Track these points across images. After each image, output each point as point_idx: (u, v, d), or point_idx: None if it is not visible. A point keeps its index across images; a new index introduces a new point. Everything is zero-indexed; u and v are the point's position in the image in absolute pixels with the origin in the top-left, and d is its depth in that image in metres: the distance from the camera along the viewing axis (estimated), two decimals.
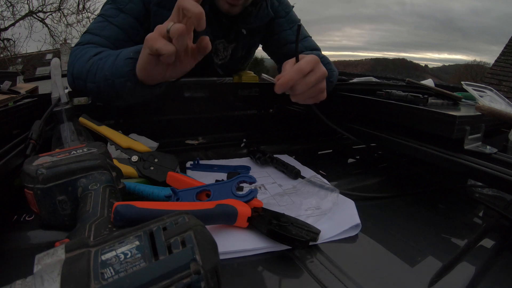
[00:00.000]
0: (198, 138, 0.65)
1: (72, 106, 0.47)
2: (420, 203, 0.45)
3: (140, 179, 0.43)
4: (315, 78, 0.42)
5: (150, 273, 0.18)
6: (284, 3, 0.77)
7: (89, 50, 0.53)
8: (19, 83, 1.83)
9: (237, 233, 0.33)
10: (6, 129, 0.45)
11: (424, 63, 77.00)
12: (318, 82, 0.43)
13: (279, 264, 0.30)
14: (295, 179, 0.48)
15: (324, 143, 0.72)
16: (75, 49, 0.56)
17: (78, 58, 0.52)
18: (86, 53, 0.52)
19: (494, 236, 0.38)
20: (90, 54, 0.50)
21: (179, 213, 0.22)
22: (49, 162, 0.31)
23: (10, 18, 7.45)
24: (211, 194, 0.36)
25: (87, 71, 0.48)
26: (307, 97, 0.44)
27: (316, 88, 0.43)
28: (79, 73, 0.50)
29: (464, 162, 0.40)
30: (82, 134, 0.46)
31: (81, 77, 0.50)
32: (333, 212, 0.38)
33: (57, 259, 0.18)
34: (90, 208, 0.28)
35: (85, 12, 8.19)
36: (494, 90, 0.60)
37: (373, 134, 0.54)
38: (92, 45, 0.56)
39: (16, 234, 0.33)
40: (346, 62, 53.53)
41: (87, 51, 0.52)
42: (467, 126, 0.42)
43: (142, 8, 0.61)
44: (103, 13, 0.61)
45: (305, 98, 0.44)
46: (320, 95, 0.45)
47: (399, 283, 0.29)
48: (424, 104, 0.49)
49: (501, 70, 5.56)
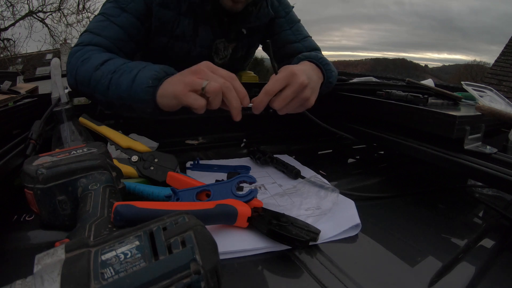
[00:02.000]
0: (198, 138, 0.65)
1: (72, 106, 0.47)
2: (420, 203, 0.45)
3: (140, 179, 0.43)
4: (291, 91, 0.43)
5: (150, 273, 0.18)
6: (284, 3, 0.77)
7: (94, 55, 0.52)
8: (19, 83, 1.83)
9: (237, 233, 0.33)
10: (6, 129, 0.45)
11: (424, 63, 77.04)
12: (297, 93, 0.43)
13: (279, 264, 0.30)
14: (295, 179, 0.48)
15: (324, 143, 0.72)
16: (76, 50, 0.54)
17: (82, 62, 0.51)
18: (91, 58, 0.51)
19: (494, 236, 0.38)
20: (97, 62, 0.50)
21: (179, 213, 0.22)
22: (49, 162, 0.31)
23: (10, 18, 7.46)
24: (211, 194, 0.36)
25: (96, 81, 0.48)
26: (291, 109, 0.45)
27: (298, 99, 0.44)
28: (85, 80, 0.50)
29: (464, 162, 0.40)
30: (82, 134, 0.46)
31: (88, 85, 0.49)
32: (333, 212, 0.38)
33: (57, 259, 0.18)
34: (90, 208, 0.28)
35: (85, 12, 8.19)
36: (494, 90, 0.60)
37: (373, 134, 0.54)
38: (94, 47, 0.55)
39: (16, 234, 0.33)
40: (346, 62, 53.53)
41: (92, 56, 0.51)
42: (467, 126, 0.42)
43: (144, 7, 0.61)
44: (104, 12, 0.60)
45: (290, 110, 0.45)
46: (306, 103, 0.46)
47: (399, 283, 0.29)
48: (424, 104, 0.49)
49: (501, 70, 5.56)
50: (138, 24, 0.61)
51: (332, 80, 0.58)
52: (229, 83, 0.38)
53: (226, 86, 0.38)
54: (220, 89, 0.37)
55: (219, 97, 0.38)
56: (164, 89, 0.42)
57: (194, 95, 0.38)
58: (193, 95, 0.38)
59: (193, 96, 0.38)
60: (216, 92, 0.37)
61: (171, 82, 0.42)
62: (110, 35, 0.57)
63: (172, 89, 0.40)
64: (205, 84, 0.37)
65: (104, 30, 0.57)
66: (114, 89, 0.46)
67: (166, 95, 0.41)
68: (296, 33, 0.75)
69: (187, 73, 0.41)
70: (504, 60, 5.73)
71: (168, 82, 0.42)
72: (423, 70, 47.21)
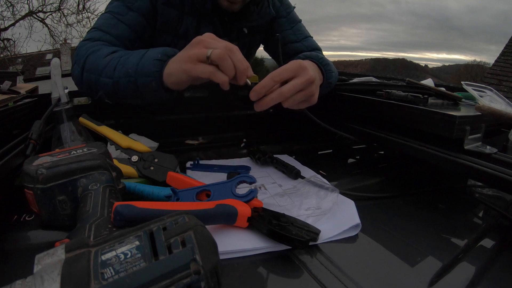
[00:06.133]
0: (198, 138, 0.65)
1: (72, 106, 0.47)
2: (420, 203, 0.45)
3: (140, 179, 0.43)
4: (301, 82, 0.42)
5: (150, 273, 0.18)
6: (285, 3, 0.77)
7: (104, 47, 0.53)
8: (19, 83, 1.83)
9: (237, 233, 0.33)
10: (6, 129, 0.45)
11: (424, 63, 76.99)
12: (305, 86, 0.43)
13: (279, 264, 0.30)
14: (295, 179, 0.48)
15: (324, 143, 0.72)
16: (85, 43, 0.55)
17: (92, 52, 0.52)
18: (101, 49, 0.52)
19: (494, 236, 0.38)
20: (108, 51, 0.51)
21: (179, 213, 0.22)
22: (49, 162, 0.31)
23: (10, 18, 7.47)
24: (211, 194, 0.36)
25: (104, 66, 0.49)
26: (296, 102, 0.44)
27: (305, 92, 0.43)
28: (93, 67, 0.50)
29: (464, 162, 0.40)
30: (82, 134, 0.46)
31: (95, 71, 0.50)
32: (333, 212, 0.38)
33: (57, 259, 0.18)
34: (90, 208, 0.28)
35: (85, 12, 8.20)
36: (494, 90, 0.60)
37: (373, 134, 0.54)
38: (104, 42, 0.56)
39: (16, 234, 0.33)
40: (346, 62, 53.55)
41: (102, 48, 0.53)
42: (467, 126, 0.42)
43: (149, 6, 0.62)
44: (111, 10, 0.60)
45: (294, 103, 0.44)
46: (310, 99, 0.45)
47: (399, 283, 0.29)
48: (424, 104, 0.49)
49: (501, 70, 5.56)
50: (144, 23, 0.62)
51: (332, 80, 0.57)
52: (232, 46, 0.39)
53: (229, 48, 0.38)
54: (226, 53, 0.37)
55: (227, 61, 0.38)
56: (171, 67, 0.42)
57: (202, 65, 0.38)
58: (201, 65, 0.38)
59: (201, 66, 0.38)
60: (222, 56, 0.37)
61: (176, 59, 0.42)
62: (118, 33, 0.58)
63: (179, 65, 0.41)
64: (209, 52, 0.37)
65: (112, 28, 0.58)
66: (122, 67, 0.46)
67: (174, 72, 0.41)
68: (297, 33, 0.75)
69: (190, 47, 0.41)
70: (504, 60, 5.73)
71: (173, 61, 0.43)
72: (423, 70, 47.21)
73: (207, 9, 0.64)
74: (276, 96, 0.41)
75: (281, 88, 0.41)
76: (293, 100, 0.43)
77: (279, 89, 0.41)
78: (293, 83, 0.41)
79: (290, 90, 0.41)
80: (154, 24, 0.64)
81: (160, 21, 0.64)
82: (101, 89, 0.50)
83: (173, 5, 0.63)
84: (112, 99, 0.51)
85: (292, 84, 0.41)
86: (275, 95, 0.41)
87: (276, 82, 0.41)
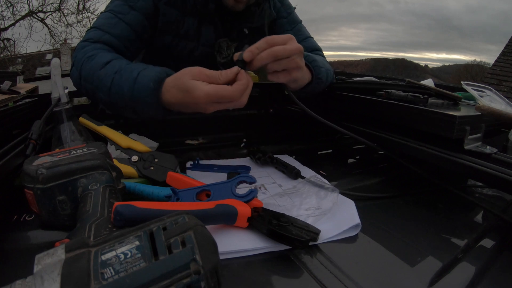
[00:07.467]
0: (198, 138, 0.65)
1: (72, 106, 0.47)
2: (420, 203, 0.45)
3: (140, 179, 0.43)
4: (291, 48, 0.45)
5: (150, 273, 0.18)
6: (286, 4, 0.77)
7: (100, 53, 0.52)
8: (19, 83, 1.83)
9: (237, 233, 0.33)
10: (6, 129, 0.45)
11: (424, 63, 76.86)
12: (294, 54, 0.45)
13: (279, 264, 0.30)
14: (295, 179, 0.48)
15: (324, 143, 0.72)
16: (84, 45, 0.55)
17: (88, 58, 0.51)
18: (96, 55, 0.51)
19: (494, 236, 0.38)
20: (102, 61, 0.50)
21: (179, 213, 0.22)
22: (49, 162, 0.31)
23: (10, 18, 7.47)
24: (211, 194, 0.36)
25: (98, 79, 0.49)
26: (283, 66, 0.46)
27: (293, 61, 0.46)
28: (89, 76, 0.50)
29: (464, 162, 0.40)
30: (82, 134, 0.46)
31: (91, 82, 0.50)
32: (333, 212, 0.38)
33: (57, 259, 0.18)
34: (90, 208, 0.28)
35: (85, 12, 8.20)
36: (494, 90, 0.60)
37: (373, 134, 0.54)
38: (103, 45, 0.56)
39: (16, 234, 0.33)
40: (346, 62, 53.54)
41: (97, 54, 0.52)
42: (467, 126, 0.42)
43: (151, 5, 0.61)
44: (112, 9, 0.60)
45: (279, 68, 0.46)
46: (294, 70, 0.47)
47: (399, 283, 0.29)
48: (424, 104, 0.49)
49: (501, 70, 5.56)
50: (145, 23, 0.61)
51: (322, 76, 0.56)
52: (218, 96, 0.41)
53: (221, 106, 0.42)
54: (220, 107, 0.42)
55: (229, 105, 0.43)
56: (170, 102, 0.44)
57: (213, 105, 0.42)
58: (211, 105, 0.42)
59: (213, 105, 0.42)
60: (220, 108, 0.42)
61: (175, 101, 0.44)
62: (118, 33, 0.58)
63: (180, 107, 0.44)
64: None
65: (112, 28, 0.58)
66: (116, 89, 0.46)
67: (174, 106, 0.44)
68: (298, 33, 0.75)
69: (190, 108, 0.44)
70: (504, 60, 5.73)
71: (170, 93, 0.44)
72: (423, 70, 47.22)
73: (210, 9, 0.64)
74: (266, 55, 0.44)
75: (273, 48, 0.44)
76: (278, 64, 0.45)
77: (270, 49, 0.44)
78: (284, 47, 0.45)
79: (280, 51, 0.44)
80: (154, 24, 0.64)
81: (162, 21, 0.63)
82: (100, 103, 0.52)
83: (175, 5, 0.63)
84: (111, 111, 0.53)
85: (283, 47, 0.44)
86: (266, 54, 0.44)
87: (269, 46, 0.44)
